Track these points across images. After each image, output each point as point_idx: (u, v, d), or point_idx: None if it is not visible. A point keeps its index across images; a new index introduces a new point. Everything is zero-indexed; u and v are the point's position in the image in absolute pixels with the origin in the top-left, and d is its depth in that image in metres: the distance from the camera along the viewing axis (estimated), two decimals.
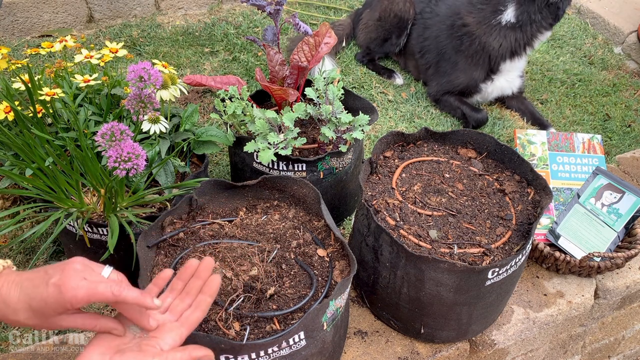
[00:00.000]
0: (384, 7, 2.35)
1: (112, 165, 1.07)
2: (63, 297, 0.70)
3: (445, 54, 2.17)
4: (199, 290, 0.89)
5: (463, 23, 2.08)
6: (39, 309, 0.71)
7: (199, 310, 0.86)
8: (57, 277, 0.71)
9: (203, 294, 0.88)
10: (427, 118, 2.17)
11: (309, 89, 1.45)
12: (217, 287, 0.88)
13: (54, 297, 0.70)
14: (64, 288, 0.70)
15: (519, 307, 1.41)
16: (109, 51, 1.42)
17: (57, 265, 0.74)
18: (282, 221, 1.23)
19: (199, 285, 0.89)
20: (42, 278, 0.72)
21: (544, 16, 1.97)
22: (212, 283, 0.89)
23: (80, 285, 0.71)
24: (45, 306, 0.70)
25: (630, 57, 2.73)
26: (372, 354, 1.26)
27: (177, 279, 0.90)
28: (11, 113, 1.27)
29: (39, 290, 0.71)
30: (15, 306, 0.71)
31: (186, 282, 0.90)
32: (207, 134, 1.39)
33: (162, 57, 2.34)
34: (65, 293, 0.70)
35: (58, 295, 0.70)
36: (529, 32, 2.01)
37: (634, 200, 1.44)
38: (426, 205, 1.26)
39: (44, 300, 0.70)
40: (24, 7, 2.40)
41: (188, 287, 0.89)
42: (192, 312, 0.86)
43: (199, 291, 0.89)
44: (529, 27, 1.99)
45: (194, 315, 0.86)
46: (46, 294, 0.70)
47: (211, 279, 0.89)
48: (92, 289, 0.71)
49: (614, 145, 2.19)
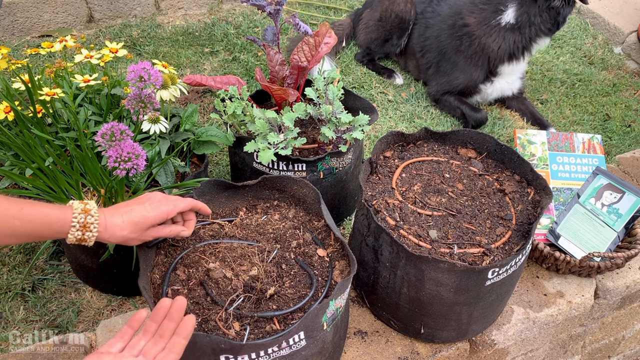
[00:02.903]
0: (385, 8, 2.35)
1: (112, 165, 1.07)
2: (161, 212, 1.00)
3: (445, 54, 2.17)
4: (173, 332, 0.88)
5: (464, 23, 2.09)
6: (141, 224, 0.98)
7: (172, 353, 0.85)
8: (150, 202, 1.00)
9: (177, 336, 0.87)
10: (427, 118, 2.17)
11: (309, 89, 1.45)
12: (191, 329, 0.88)
13: (153, 213, 0.98)
14: (159, 204, 1.00)
15: (519, 307, 1.41)
16: (109, 51, 1.42)
17: (143, 196, 1.02)
18: (282, 221, 1.23)
19: (173, 327, 0.88)
20: (137, 203, 0.99)
21: (543, 20, 1.98)
22: (186, 325, 0.88)
23: (169, 202, 1.02)
24: (146, 221, 0.98)
25: (630, 57, 2.73)
26: (372, 354, 1.26)
27: (151, 321, 0.89)
28: (11, 113, 1.27)
29: (138, 211, 0.98)
30: (122, 225, 0.96)
31: (159, 324, 0.89)
32: (207, 134, 1.39)
33: (162, 57, 2.34)
34: (159, 208, 0.99)
35: (156, 211, 0.99)
36: (527, 35, 2.01)
37: (634, 200, 1.44)
38: (426, 205, 1.26)
39: (145, 216, 0.98)
40: (24, 7, 2.40)
41: (161, 329, 0.88)
42: (165, 355, 0.85)
43: (173, 333, 0.88)
44: (528, 29, 2.00)
45: (167, 358, 0.85)
46: (145, 212, 0.98)
47: (185, 320, 0.88)
48: (176, 205, 1.03)
49: (614, 145, 2.19)
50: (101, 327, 1.27)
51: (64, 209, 0.92)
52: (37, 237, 0.91)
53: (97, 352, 0.83)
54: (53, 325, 1.40)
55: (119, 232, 0.96)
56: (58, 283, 1.49)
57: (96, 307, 1.44)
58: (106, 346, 0.85)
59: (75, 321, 1.41)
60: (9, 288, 1.46)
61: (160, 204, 1.01)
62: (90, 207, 0.94)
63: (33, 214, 0.88)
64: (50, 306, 1.44)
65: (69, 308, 1.43)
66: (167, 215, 1.01)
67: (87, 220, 0.93)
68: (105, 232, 0.95)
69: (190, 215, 1.10)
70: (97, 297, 1.46)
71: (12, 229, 0.86)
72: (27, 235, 0.89)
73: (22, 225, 0.87)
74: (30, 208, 0.88)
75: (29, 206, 0.88)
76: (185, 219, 1.09)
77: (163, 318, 0.89)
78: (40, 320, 1.41)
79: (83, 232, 0.93)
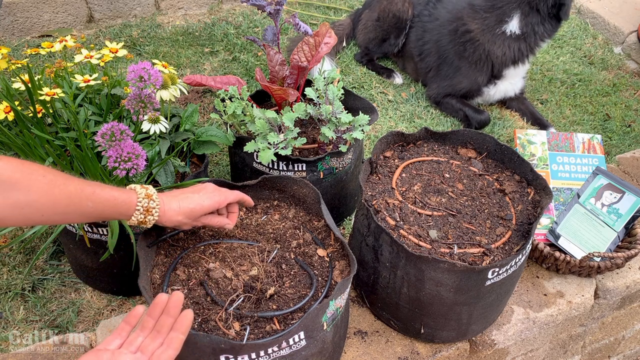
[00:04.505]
0: (382, 8, 2.35)
1: (112, 165, 1.07)
2: (214, 202, 1.07)
3: (447, 58, 2.17)
4: (170, 327, 0.87)
5: (467, 29, 2.08)
6: (195, 211, 1.04)
7: (171, 348, 0.85)
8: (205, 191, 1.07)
9: (175, 331, 0.87)
10: (427, 118, 2.17)
11: (309, 89, 1.44)
12: (189, 324, 0.87)
13: (207, 202, 1.06)
14: (212, 194, 1.07)
15: (519, 307, 1.41)
16: (109, 51, 1.42)
17: (197, 186, 1.09)
18: (282, 221, 1.23)
19: (170, 322, 0.88)
20: (192, 192, 1.06)
21: (546, 28, 2.02)
22: (184, 320, 0.87)
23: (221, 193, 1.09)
24: (200, 209, 1.05)
25: (630, 57, 2.73)
26: (372, 354, 1.26)
27: (148, 317, 0.89)
28: (11, 113, 1.26)
29: (194, 199, 1.05)
30: (178, 211, 1.03)
31: (157, 319, 0.88)
32: (207, 134, 1.39)
33: (162, 57, 2.34)
34: (212, 198, 1.07)
35: (210, 200, 1.06)
36: (533, 42, 2.05)
37: (634, 200, 1.44)
38: (426, 205, 1.26)
39: (200, 204, 1.05)
40: (24, 7, 2.40)
41: (159, 324, 0.88)
42: (163, 351, 0.85)
43: (170, 328, 0.87)
44: (533, 37, 2.03)
45: (165, 354, 0.84)
46: (201, 200, 1.05)
47: (183, 315, 0.88)
48: (227, 196, 1.10)
49: (614, 145, 2.19)
50: (101, 327, 1.27)
51: (129, 192, 0.98)
52: (103, 218, 0.97)
53: (94, 349, 0.83)
54: (53, 325, 1.40)
55: (175, 217, 1.03)
56: (58, 283, 1.49)
57: (96, 307, 1.44)
58: (104, 343, 0.85)
59: (75, 321, 1.41)
60: (9, 288, 1.46)
61: (214, 194, 1.08)
62: (151, 192, 1.00)
63: (103, 195, 0.93)
64: (50, 306, 1.44)
65: (69, 308, 1.43)
66: (218, 205, 1.08)
67: (150, 205, 0.99)
68: (163, 216, 1.02)
69: (235, 208, 1.16)
70: (97, 297, 1.46)
71: (84, 209, 0.91)
72: (95, 215, 0.93)
73: (93, 207, 0.91)
74: (101, 190, 0.92)
75: (100, 189, 0.92)
76: (229, 211, 1.16)
77: (160, 314, 0.89)
78: (40, 320, 1.41)
79: (145, 216, 0.99)
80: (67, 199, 0.87)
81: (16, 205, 0.82)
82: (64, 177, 0.88)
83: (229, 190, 1.13)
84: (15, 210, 0.83)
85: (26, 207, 0.83)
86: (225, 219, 1.13)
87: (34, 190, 0.83)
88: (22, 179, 0.83)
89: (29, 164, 0.85)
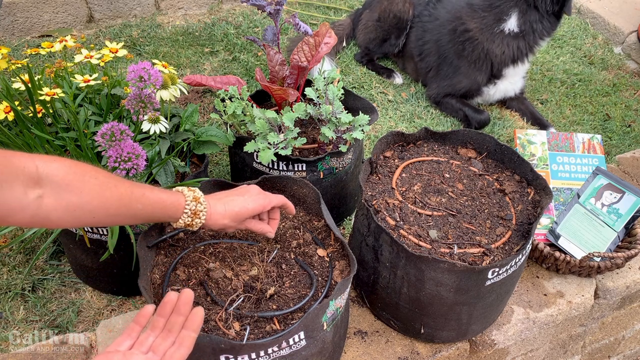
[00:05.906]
0: (383, 8, 2.35)
1: (112, 165, 1.07)
2: (259, 205, 1.05)
3: (447, 58, 2.17)
4: (182, 326, 0.86)
5: (465, 28, 2.08)
6: (241, 214, 1.03)
7: (183, 347, 0.84)
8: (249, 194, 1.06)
9: (186, 330, 0.86)
10: (427, 118, 2.17)
11: (309, 89, 1.44)
12: (200, 321, 0.87)
13: (252, 205, 1.04)
14: (257, 197, 1.06)
15: (519, 307, 1.41)
16: (109, 51, 1.42)
17: (241, 188, 1.09)
18: (282, 221, 1.23)
19: (181, 321, 0.86)
20: (237, 195, 1.06)
21: (544, 26, 2.01)
22: (195, 317, 0.86)
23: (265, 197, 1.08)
24: (245, 212, 1.04)
25: (630, 57, 2.73)
26: (372, 354, 1.26)
27: (158, 316, 0.88)
28: (11, 113, 1.26)
29: (239, 202, 1.04)
30: (223, 214, 1.02)
31: (167, 318, 0.87)
32: (207, 134, 1.39)
33: (162, 57, 2.34)
34: (257, 201, 1.05)
35: (254, 203, 1.05)
36: (531, 41, 2.05)
37: (634, 200, 1.44)
38: (426, 205, 1.26)
39: (245, 207, 1.04)
40: (24, 7, 2.40)
41: (169, 323, 0.86)
42: (176, 350, 0.84)
43: (182, 327, 0.86)
44: (531, 36, 2.03)
45: (178, 353, 0.83)
46: (245, 203, 1.04)
47: (194, 312, 0.87)
48: (271, 200, 1.08)
49: (614, 145, 2.19)
50: (101, 327, 1.27)
51: (177, 195, 0.98)
52: (151, 220, 0.96)
53: (105, 352, 0.82)
54: (53, 325, 1.40)
55: (221, 220, 1.02)
56: (58, 283, 1.49)
57: (96, 307, 1.44)
58: (114, 345, 0.83)
59: (75, 321, 1.41)
60: (9, 288, 1.46)
61: (258, 197, 1.07)
62: (198, 195, 1.00)
63: (152, 198, 0.92)
64: (50, 306, 1.44)
65: (69, 308, 1.43)
66: (263, 208, 1.07)
67: (197, 208, 0.99)
68: (209, 219, 1.01)
69: (276, 214, 1.14)
70: (97, 297, 1.46)
71: (134, 211, 0.90)
72: (143, 217, 0.93)
73: (142, 209, 0.91)
74: (150, 192, 0.92)
75: (149, 191, 0.92)
76: (270, 217, 1.14)
77: (170, 312, 0.88)
78: (40, 320, 1.41)
79: (192, 219, 0.99)
80: (118, 201, 0.87)
81: (68, 207, 0.81)
82: (114, 179, 0.88)
83: (272, 194, 1.11)
84: (67, 212, 0.81)
85: (78, 209, 0.82)
86: (267, 226, 1.11)
87: (86, 192, 0.82)
88: (75, 180, 0.81)
89: (82, 165, 0.84)
